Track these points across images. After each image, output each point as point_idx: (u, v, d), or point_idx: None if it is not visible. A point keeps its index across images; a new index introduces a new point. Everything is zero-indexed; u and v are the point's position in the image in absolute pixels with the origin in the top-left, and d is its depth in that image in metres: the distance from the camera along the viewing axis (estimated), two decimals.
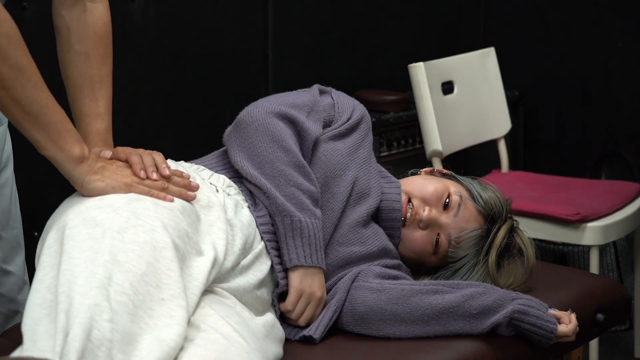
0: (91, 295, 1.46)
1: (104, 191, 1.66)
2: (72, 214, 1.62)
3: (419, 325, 1.84)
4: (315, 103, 1.95)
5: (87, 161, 1.68)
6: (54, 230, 1.62)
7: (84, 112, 1.80)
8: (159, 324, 1.51)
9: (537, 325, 1.83)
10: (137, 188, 1.68)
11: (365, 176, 1.98)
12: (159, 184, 1.70)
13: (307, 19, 3.43)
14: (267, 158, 1.84)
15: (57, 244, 1.58)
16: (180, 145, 3.09)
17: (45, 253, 1.59)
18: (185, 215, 1.67)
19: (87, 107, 1.80)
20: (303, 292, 1.83)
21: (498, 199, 2.02)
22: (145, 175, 1.70)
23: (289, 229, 1.82)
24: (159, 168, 1.73)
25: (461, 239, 1.97)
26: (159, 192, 1.68)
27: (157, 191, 1.69)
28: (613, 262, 3.39)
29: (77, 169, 1.67)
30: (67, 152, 1.66)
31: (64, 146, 1.65)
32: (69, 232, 1.58)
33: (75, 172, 1.67)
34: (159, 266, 1.56)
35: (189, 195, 1.73)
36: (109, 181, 1.67)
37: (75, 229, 1.58)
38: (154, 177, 1.70)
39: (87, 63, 1.80)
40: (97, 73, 1.80)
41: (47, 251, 1.59)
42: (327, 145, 1.94)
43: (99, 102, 1.80)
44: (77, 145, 1.67)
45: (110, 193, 1.66)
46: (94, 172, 1.68)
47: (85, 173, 1.67)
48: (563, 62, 3.80)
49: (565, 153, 3.84)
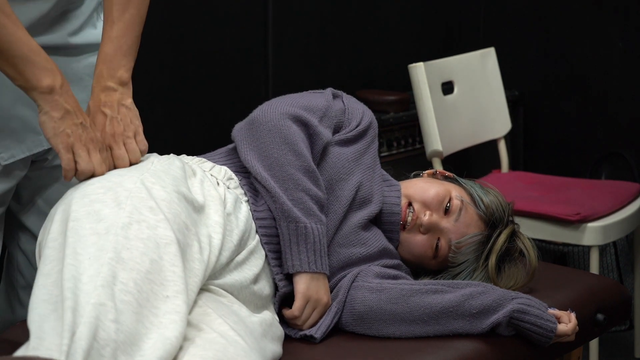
0: (96, 294, 1.46)
1: (46, 130, 1.70)
2: (76, 206, 1.61)
3: (418, 324, 1.84)
4: (328, 108, 1.96)
5: (54, 95, 1.70)
6: (57, 220, 1.62)
7: (102, 35, 1.82)
8: (164, 321, 1.50)
9: (536, 325, 1.83)
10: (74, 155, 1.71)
11: (369, 182, 1.98)
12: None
13: (307, 19, 3.43)
14: (278, 160, 1.84)
15: (61, 237, 1.58)
16: (180, 145, 3.09)
17: (50, 246, 1.58)
18: (182, 206, 1.66)
19: (103, 29, 1.82)
20: (310, 298, 1.84)
21: (500, 203, 2.01)
22: (101, 170, 1.72)
23: (293, 235, 1.82)
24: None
25: (461, 245, 1.97)
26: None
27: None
28: (613, 262, 3.39)
29: (41, 97, 1.70)
30: (33, 83, 1.69)
31: (30, 78, 1.69)
32: (73, 225, 1.58)
33: (39, 99, 1.70)
34: (163, 263, 1.56)
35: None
36: (57, 126, 1.69)
37: (79, 222, 1.58)
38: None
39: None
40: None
41: (52, 244, 1.58)
42: (335, 150, 1.95)
43: (114, 26, 1.81)
44: (46, 77, 1.69)
45: (49, 137, 1.69)
46: (55, 108, 1.70)
47: (46, 103, 1.69)
48: (563, 62, 3.80)
49: (565, 153, 3.84)
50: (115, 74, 1.79)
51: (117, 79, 1.80)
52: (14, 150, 1.89)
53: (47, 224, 1.67)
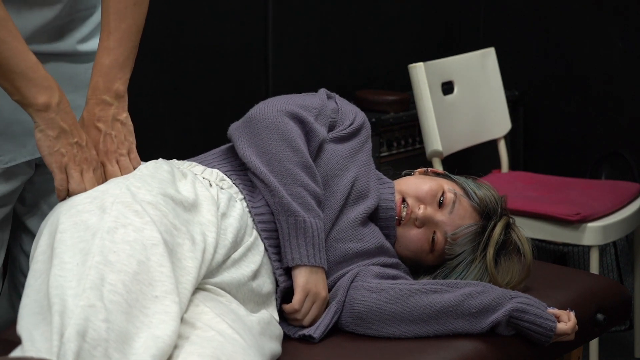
0: (85, 296, 1.47)
1: (41, 148, 1.70)
2: (63, 217, 1.62)
3: (418, 324, 1.84)
4: (323, 107, 1.99)
5: (50, 113, 1.69)
6: (45, 234, 1.63)
7: (98, 45, 1.82)
8: (154, 321, 1.51)
9: (536, 324, 1.84)
10: (68, 177, 1.71)
11: (364, 177, 1.99)
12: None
13: (307, 19, 3.43)
14: (277, 156, 1.86)
15: (49, 250, 1.59)
16: (180, 144, 3.09)
17: (39, 259, 1.59)
18: (170, 208, 1.67)
19: (100, 39, 1.81)
20: (309, 291, 1.84)
21: (492, 195, 2.03)
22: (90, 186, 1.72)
23: (292, 229, 1.83)
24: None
25: (457, 236, 1.98)
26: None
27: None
28: (613, 262, 3.39)
29: (37, 114, 1.70)
30: (29, 100, 1.69)
31: (26, 95, 1.68)
32: (60, 237, 1.59)
33: (35, 117, 1.70)
34: (151, 264, 1.56)
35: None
36: (52, 145, 1.69)
37: (66, 233, 1.59)
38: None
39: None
40: (115, 5, 1.80)
41: (41, 257, 1.60)
42: (330, 147, 1.96)
43: (110, 36, 1.80)
44: (42, 95, 1.69)
45: (44, 155, 1.70)
46: (50, 126, 1.70)
47: (42, 121, 1.69)
48: (563, 62, 3.80)
49: (565, 153, 3.84)
50: (111, 87, 1.78)
51: (113, 92, 1.79)
52: (15, 154, 1.89)
53: (37, 238, 1.68)
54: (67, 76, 1.76)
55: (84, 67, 1.93)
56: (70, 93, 1.80)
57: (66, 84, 1.82)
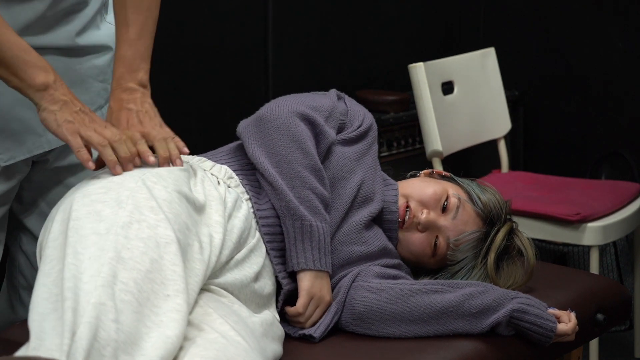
0: (96, 294, 1.46)
1: (49, 124, 1.71)
2: (77, 205, 1.62)
3: (418, 324, 1.84)
4: (333, 108, 1.98)
5: (49, 90, 1.71)
6: (58, 220, 1.62)
7: (116, 38, 1.84)
8: (164, 320, 1.50)
9: (536, 324, 1.83)
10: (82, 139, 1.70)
11: (370, 181, 1.99)
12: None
13: (307, 19, 3.43)
14: (286, 158, 1.85)
15: (62, 236, 1.58)
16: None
17: (50, 245, 1.59)
18: (184, 206, 1.67)
19: (118, 32, 1.84)
20: (314, 296, 1.84)
21: (497, 201, 2.02)
22: (119, 170, 1.70)
23: (299, 232, 1.83)
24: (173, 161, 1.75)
25: (460, 242, 1.97)
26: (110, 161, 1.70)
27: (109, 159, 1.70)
28: (613, 262, 3.39)
29: (37, 95, 1.71)
30: (27, 82, 1.71)
31: (24, 77, 1.70)
32: (74, 224, 1.58)
33: (35, 97, 1.72)
34: (164, 262, 1.56)
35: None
36: (59, 117, 1.70)
37: (80, 221, 1.58)
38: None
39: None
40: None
41: (53, 244, 1.58)
42: (337, 149, 1.96)
43: (129, 28, 1.83)
44: (39, 74, 1.71)
45: (54, 130, 1.70)
46: (52, 102, 1.71)
47: (43, 100, 1.71)
48: (563, 62, 3.80)
49: (565, 153, 3.84)
50: (136, 77, 1.82)
51: (137, 81, 1.82)
52: (14, 152, 1.89)
53: (48, 223, 1.67)
54: (61, 70, 1.77)
55: (77, 61, 1.93)
56: None
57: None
